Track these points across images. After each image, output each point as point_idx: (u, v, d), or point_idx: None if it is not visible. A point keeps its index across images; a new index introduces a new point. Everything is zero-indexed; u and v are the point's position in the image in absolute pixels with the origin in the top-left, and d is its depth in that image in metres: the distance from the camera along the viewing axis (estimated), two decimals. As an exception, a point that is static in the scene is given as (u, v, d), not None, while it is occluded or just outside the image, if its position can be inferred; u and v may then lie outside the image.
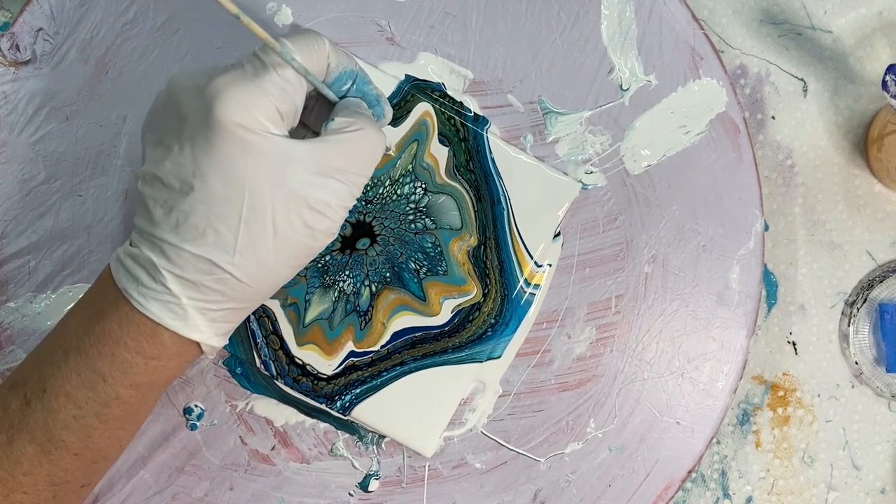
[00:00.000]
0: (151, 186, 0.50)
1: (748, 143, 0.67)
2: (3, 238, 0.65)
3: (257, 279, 0.50)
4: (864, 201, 0.71)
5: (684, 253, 0.66)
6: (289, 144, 0.48)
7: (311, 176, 0.49)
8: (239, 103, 0.47)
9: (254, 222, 0.48)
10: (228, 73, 0.48)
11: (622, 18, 0.66)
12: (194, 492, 0.65)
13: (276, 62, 0.49)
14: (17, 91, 0.66)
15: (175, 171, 0.48)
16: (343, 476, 0.65)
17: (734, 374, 0.66)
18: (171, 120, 0.50)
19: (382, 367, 0.64)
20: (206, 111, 0.47)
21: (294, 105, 0.50)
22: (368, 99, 0.54)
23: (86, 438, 0.51)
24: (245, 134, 0.47)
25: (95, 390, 0.51)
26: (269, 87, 0.48)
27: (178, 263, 0.49)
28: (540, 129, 0.66)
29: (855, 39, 0.72)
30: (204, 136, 0.47)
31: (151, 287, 0.49)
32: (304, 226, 0.49)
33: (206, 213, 0.48)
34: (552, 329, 0.66)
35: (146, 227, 0.50)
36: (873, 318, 0.70)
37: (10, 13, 0.70)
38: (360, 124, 0.51)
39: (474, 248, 0.65)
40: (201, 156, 0.47)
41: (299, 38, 0.50)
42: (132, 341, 0.50)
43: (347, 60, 0.53)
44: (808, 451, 0.70)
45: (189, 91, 0.49)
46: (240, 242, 0.48)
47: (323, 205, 0.49)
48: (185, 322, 0.50)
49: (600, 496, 0.65)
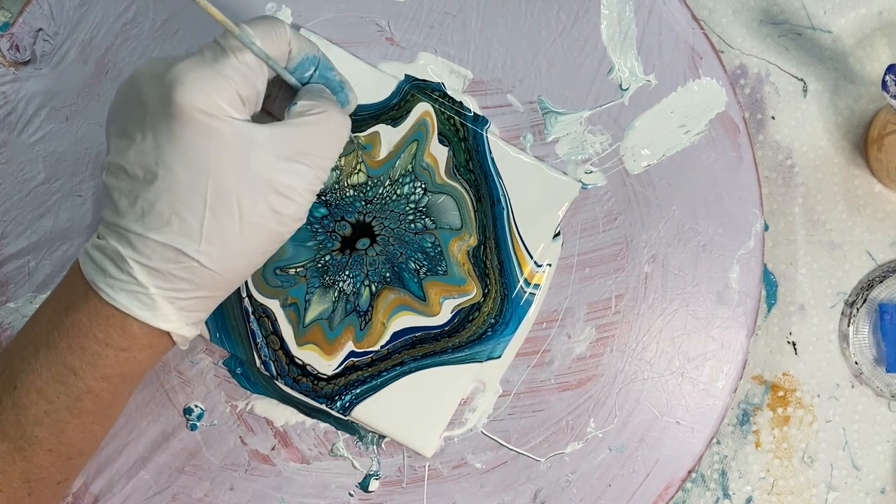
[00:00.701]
0: (116, 177, 0.49)
1: (748, 142, 0.67)
2: (3, 238, 0.65)
3: (225, 266, 0.50)
4: (864, 201, 0.71)
5: (684, 253, 0.66)
6: (252, 129, 0.48)
7: (275, 160, 0.48)
8: (199, 89, 0.47)
9: (219, 209, 0.48)
10: (188, 60, 0.48)
11: (622, 18, 0.66)
12: (194, 492, 0.65)
13: (236, 47, 0.48)
14: (17, 91, 0.66)
15: (138, 160, 0.48)
16: (343, 476, 0.65)
17: (734, 373, 0.66)
18: (134, 109, 0.49)
19: (382, 367, 0.64)
20: (167, 98, 0.47)
21: (255, 90, 0.49)
22: (332, 85, 0.54)
23: (59, 434, 0.51)
24: (207, 119, 0.47)
25: (66, 384, 0.50)
26: (230, 72, 0.48)
27: (144, 253, 0.48)
28: (540, 128, 0.66)
29: (855, 39, 0.72)
30: (165, 123, 0.47)
31: (119, 278, 0.49)
32: (270, 210, 0.49)
33: (170, 201, 0.48)
34: (552, 329, 0.66)
35: (112, 219, 0.49)
36: (873, 318, 0.70)
37: (10, 13, 0.70)
38: (322, 107, 0.51)
39: (474, 248, 0.65)
40: (164, 143, 0.47)
41: (259, 24, 0.50)
42: (101, 333, 0.50)
43: (309, 46, 0.53)
44: (808, 451, 0.70)
45: (150, 79, 0.49)
46: (206, 229, 0.48)
47: (289, 189, 0.49)
48: (153, 312, 0.50)
49: (600, 496, 0.65)
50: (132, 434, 0.65)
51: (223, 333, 0.64)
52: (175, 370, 0.65)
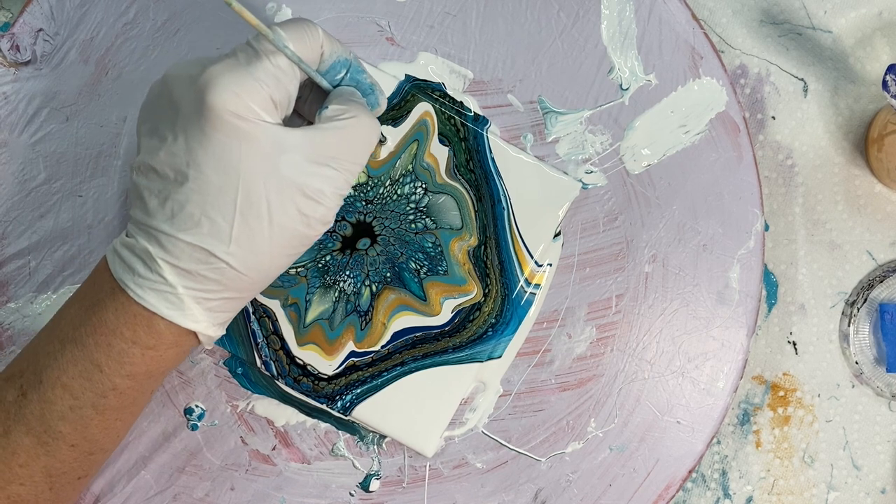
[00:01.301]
0: (146, 177, 0.50)
1: (748, 142, 0.67)
2: (4, 238, 0.65)
3: (253, 268, 0.50)
4: (864, 201, 0.71)
5: (684, 252, 0.66)
6: (283, 132, 0.48)
7: (305, 163, 0.49)
8: (232, 91, 0.47)
9: (248, 211, 0.48)
10: (221, 62, 0.48)
11: (622, 18, 0.66)
12: (195, 492, 0.65)
13: (269, 50, 0.48)
14: (18, 92, 0.66)
15: (169, 160, 0.48)
16: (344, 476, 0.65)
17: (734, 373, 0.66)
18: (166, 110, 0.50)
19: (383, 367, 0.64)
20: (200, 100, 0.47)
21: (287, 93, 0.49)
22: (363, 88, 0.54)
23: (82, 429, 0.52)
24: (238, 122, 0.47)
25: (92, 381, 0.51)
26: (262, 75, 0.48)
27: (173, 253, 0.49)
28: (540, 128, 0.66)
29: (855, 39, 0.72)
30: (197, 125, 0.47)
31: (147, 277, 0.49)
32: (298, 213, 0.49)
33: (200, 203, 0.48)
34: (552, 329, 0.66)
35: (141, 218, 0.50)
36: (873, 318, 0.70)
37: (10, 13, 0.70)
38: (353, 112, 0.51)
39: (475, 248, 0.65)
40: (195, 145, 0.47)
41: (292, 26, 0.50)
42: (129, 331, 0.50)
43: (341, 49, 0.53)
44: (808, 451, 0.70)
45: (182, 80, 0.49)
46: (235, 231, 0.48)
47: (317, 192, 0.49)
48: (181, 311, 0.50)
49: (601, 496, 0.65)
50: (133, 434, 0.64)
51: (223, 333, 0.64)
52: (175, 370, 0.65)
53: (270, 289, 0.64)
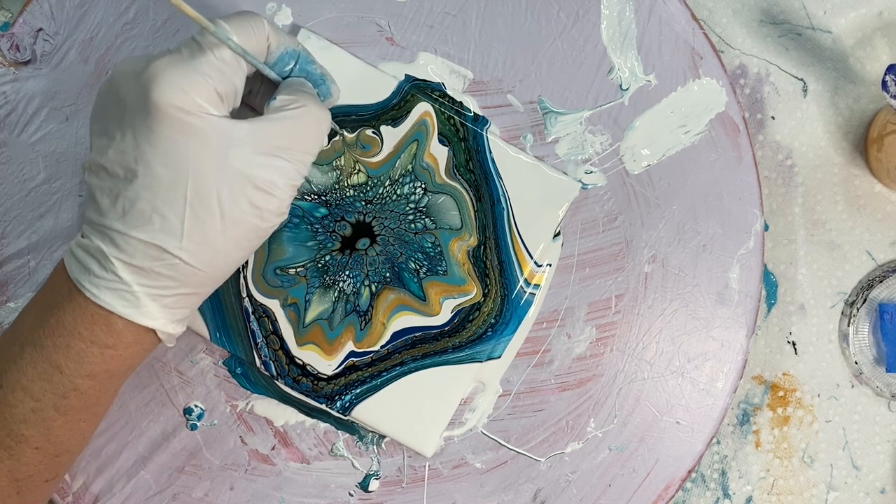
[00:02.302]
0: (97, 176, 0.50)
1: (748, 142, 0.67)
2: (4, 238, 0.65)
3: (207, 263, 0.50)
4: (864, 201, 0.71)
5: (684, 252, 0.66)
6: (230, 125, 0.48)
7: (255, 155, 0.48)
8: (176, 86, 0.47)
9: (199, 205, 0.48)
10: (165, 57, 0.48)
11: (622, 18, 0.66)
12: (194, 492, 0.65)
13: (213, 43, 0.48)
14: (17, 91, 0.66)
15: (118, 158, 0.48)
16: (343, 476, 0.65)
17: (734, 373, 0.66)
18: (113, 108, 0.49)
19: (382, 367, 0.64)
20: (144, 96, 0.47)
21: (233, 86, 0.49)
22: (313, 78, 0.54)
23: (46, 431, 0.51)
24: (184, 116, 0.47)
25: (52, 382, 0.50)
26: (206, 69, 0.48)
27: (127, 251, 0.48)
28: (540, 128, 0.66)
29: (855, 39, 0.72)
30: (143, 121, 0.47)
31: (103, 276, 0.49)
32: (250, 206, 0.49)
33: (151, 199, 0.48)
34: (552, 329, 0.66)
35: (95, 217, 0.50)
36: (873, 318, 0.70)
37: (10, 13, 0.70)
38: (302, 101, 0.51)
39: (474, 248, 0.65)
40: (142, 141, 0.47)
41: (236, 19, 0.49)
42: (86, 331, 0.50)
43: (289, 40, 0.53)
44: (808, 451, 0.70)
45: (128, 77, 0.49)
46: (186, 226, 0.48)
47: (269, 184, 0.49)
48: (137, 309, 0.50)
49: (600, 496, 0.65)
50: (132, 434, 0.65)
51: (223, 333, 0.64)
52: (175, 370, 0.65)
53: (270, 289, 0.64)
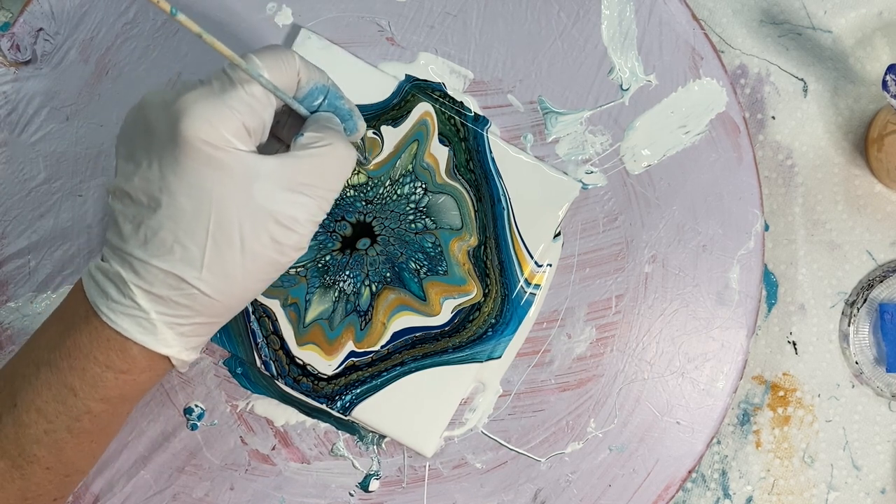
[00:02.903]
0: (121, 202, 0.50)
1: (748, 143, 0.67)
2: (4, 238, 0.65)
3: (225, 294, 0.50)
4: (864, 201, 0.71)
5: (684, 253, 0.66)
6: (256, 160, 0.48)
7: (278, 191, 0.49)
8: (205, 120, 0.47)
9: (221, 238, 0.48)
10: (196, 90, 0.48)
11: (622, 18, 0.66)
12: (195, 492, 0.65)
13: (244, 78, 0.48)
14: (18, 91, 0.66)
15: (143, 186, 0.49)
16: (343, 476, 0.65)
17: (734, 374, 0.66)
18: (141, 135, 0.50)
19: (383, 367, 0.64)
20: (173, 127, 0.47)
21: (262, 121, 0.49)
22: (341, 113, 0.54)
23: (57, 452, 0.51)
24: (211, 150, 0.47)
25: (66, 404, 0.50)
26: (236, 104, 0.48)
27: (146, 279, 0.49)
28: (540, 128, 0.66)
29: (855, 39, 0.72)
30: (171, 152, 0.47)
31: (121, 302, 0.49)
32: (271, 241, 0.49)
33: (173, 229, 0.48)
34: (552, 329, 0.66)
35: (116, 242, 0.50)
36: (873, 318, 0.70)
37: (10, 13, 0.70)
38: (329, 139, 0.51)
39: (474, 248, 0.65)
40: (168, 172, 0.48)
41: (268, 54, 0.49)
42: (102, 356, 0.50)
43: (319, 75, 0.53)
44: (808, 451, 0.70)
45: (157, 107, 0.49)
46: (207, 258, 0.48)
47: (291, 220, 0.49)
48: (154, 337, 0.50)
49: (600, 496, 0.65)
50: (132, 434, 0.65)
51: (223, 333, 0.64)
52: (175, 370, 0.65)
53: (270, 289, 0.64)
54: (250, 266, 0.49)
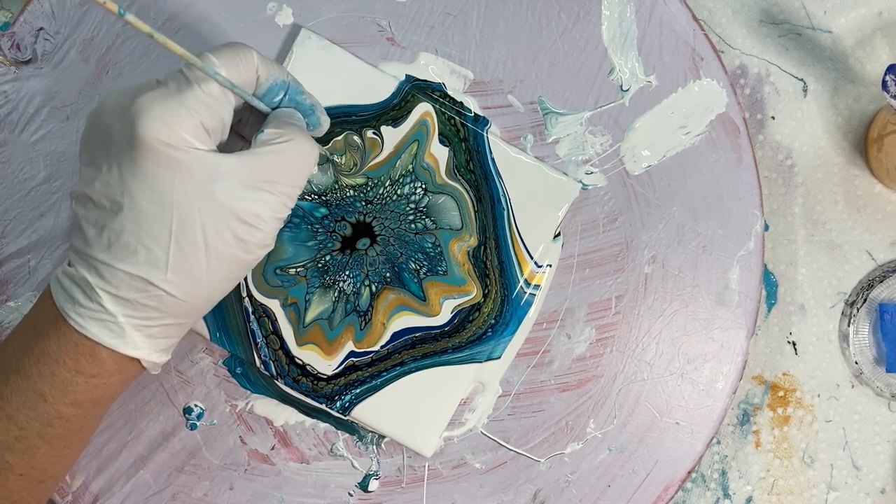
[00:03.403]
0: (84, 206, 0.50)
1: (748, 143, 0.67)
2: (4, 237, 0.65)
3: (192, 294, 0.50)
4: (864, 201, 0.71)
5: (684, 253, 0.66)
6: (216, 159, 0.48)
7: (240, 189, 0.48)
8: (162, 121, 0.47)
9: (184, 239, 0.48)
10: (152, 91, 0.48)
11: (622, 19, 0.66)
12: (194, 491, 0.65)
13: (200, 77, 0.48)
14: (18, 91, 0.66)
15: (104, 190, 0.48)
16: (343, 476, 0.65)
17: (734, 374, 0.66)
18: (100, 139, 0.49)
19: (382, 367, 0.64)
20: (131, 130, 0.47)
21: (221, 119, 0.49)
22: (302, 108, 0.54)
23: (30, 459, 0.51)
24: (170, 151, 0.47)
25: (37, 410, 0.50)
26: (193, 103, 0.48)
27: (112, 282, 0.49)
28: (540, 129, 0.66)
29: (855, 39, 0.72)
30: (129, 155, 0.47)
31: (88, 306, 0.49)
32: (235, 239, 0.49)
33: (136, 232, 0.48)
34: (552, 329, 0.66)
35: (81, 247, 0.50)
36: (873, 318, 0.70)
37: (10, 13, 0.70)
38: (289, 135, 0.51)
39: (474, 249, 0.65)
40: (128, 175, 0.47)
41: (225, 52, 0.49)
42: (71, 360, 0.50)
43: (278, 71, 0.52)
44: (808, 451, 0.70)
45: (114, 110, 0.49)
46: (171, 259, 0.48)
47: (254, 217, 0.49)
48: (122, 340, 0.50)
49: (600, 496, 0.65)
50: (132, 433, 0.65)
51: (223, 333, 0.64)
52: (175, 370, 0.65)
53: (270, 288, 0.64)
54: (215, 265, 0.49)
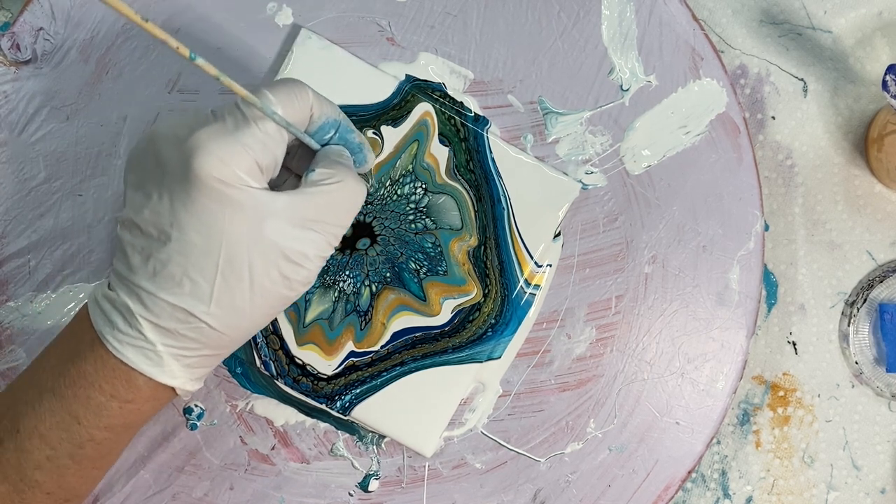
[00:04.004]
0: (130, 232, 0.50)
1: (748, 143, 0.67)
2: (4, 237, 0.65)
3: (233, 327, 0.50)
4: (864, 201, 0.71)
5: (684, 253, 0.66)
6: (268, 197, 0.48)
7: (289, 228, 0.49)
8: (218, 158, 0.47)
9: (230, 274, 0.48)
10: (209, 127, 0.48)
11: (622, 19, 0.66)
12: (194, 491, 0.65)
13: (257, 115, 0.48)
14: (18, 91, 0.66)
15: (153, 219, 0.48)
16: (343, 476, 0.65)
17: (734, 374, 0.66)
18: (152, 167, 0.49)
19: (382, 367, 0.64)
20: (186, 164, 0.47)
21: (274, 158, 0.49)
22: (351, 147, 0.54)
23: (59, 478, 0.51)
24: (224, 188, 0.47)
25: (69, 432, 0.50)
26: (250, 141, 0.48)
27: (154, 311, 0.49)
28: (540, 129, 0.66)
29: (855, 39, 0.72)
30: (183, 188, 0.47)
31: (127, 332, 0.49)
32: (280, 276, 0.49)
33: (182, 263, 0.48)
34: (552, 329, 0.66)
35: (124, 272, 0.50)
36: (873, 318, 0.70)
37: (10, 13, 0.70)
38: (340, 175, 0.51)
39: (474, 249, 0.65)
40: (179, 207, 0.47)
41: (282, 89, 0.49)
42: (107, 385, 0.50)
43: (331, 109, 0.53)
44: (808, 451, 0.70)
45: (170, 141, 0.49)
46: (216, 293, 0.48)
47: (300, 256, 0.49)
48: (160, 368, 0.50)
49: (600, 496, 0.65)
50: (132, 433, 0.65)
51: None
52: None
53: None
54: (259, 301, 0.49)
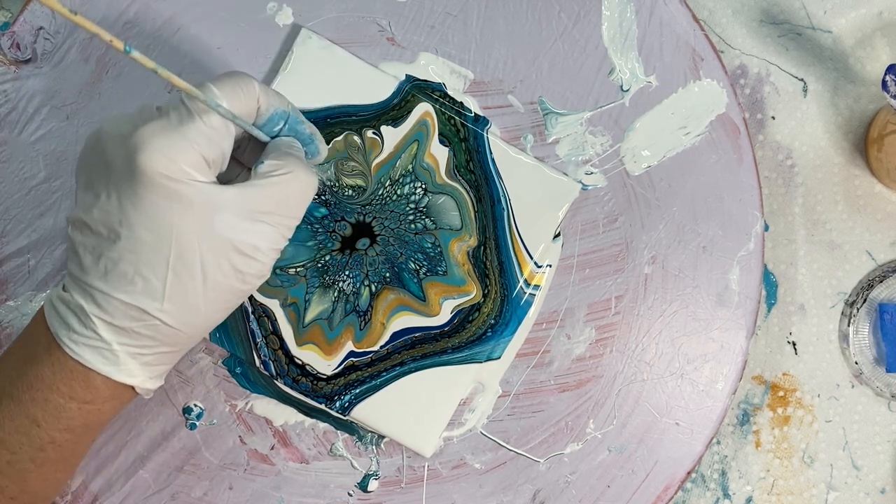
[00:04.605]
0: (81, 232, 0.49)
1: (748, 143, 0.67)
2: (4, 237, 0.65)
3: (187, 324, 0.50)
4: (864, 201, 0.71)
5: (684, 254, 0.66)
6: (216, 191, 0.48)
7: (239, 221, 0.48)
8: (163, 154, 0.46)
9: (182, 269, 0.48)
10: (153, 123, 0.48)
11: (623, 19, 0.66)
12: (193, 491, 0.65)
13: (202, 109, 0.48)
14: (18, 90, 0.66)
15: (102, 218, 0.48)
16: (342, 476, 0.65)
17: (734, 375, 0.66)
18: (99, 166, 0.49)
19: (382, 367, 0.64)
20: (131, 161, 0.47)
21: (221, 151, 0.49)
22: (302, 138, 0.54)
23: (21, 482, 0.51)
24: (170, 184, 0.46)
25: (29, 436, 0.50)
26: (195, 136, 0.47)
27: (108, 310, 0.48)
28: (540, 129, 0.66)
29: (855, 39, 0.72)
30: (129, 185, 0.47)
31: (83, 333, 0.49)
32: (233, 270, 0.49)
33: (133, 261, 0.48)
34: (552, 330, 0.66)
35: (77, 273, 0.49)
36: (873, 318, 0.70)
37: (10, 13, 0.70)
38: (290, 167, 0.50)
39: (474, 249, 0.65)
40: (127, 205, 0.47)
41: (226, 83, 0.49)
42: (65, 386, 0.50)
43: (279, 101, 0.52)
44: (808, 451, 0.70)
45: (115, 139, 0.48)
46: (168, 290, 0.48)
47: (252, 249, 0.49)
48: (117, 367, 0.50)
49: (600, 497, 0.65)
50: (131, 433, 0.65)
51: (223, 333, 0.64)
52: (174, 370, 0.65)
53: (270, 288, 0.64)
54: (212, 295, 0.49)
